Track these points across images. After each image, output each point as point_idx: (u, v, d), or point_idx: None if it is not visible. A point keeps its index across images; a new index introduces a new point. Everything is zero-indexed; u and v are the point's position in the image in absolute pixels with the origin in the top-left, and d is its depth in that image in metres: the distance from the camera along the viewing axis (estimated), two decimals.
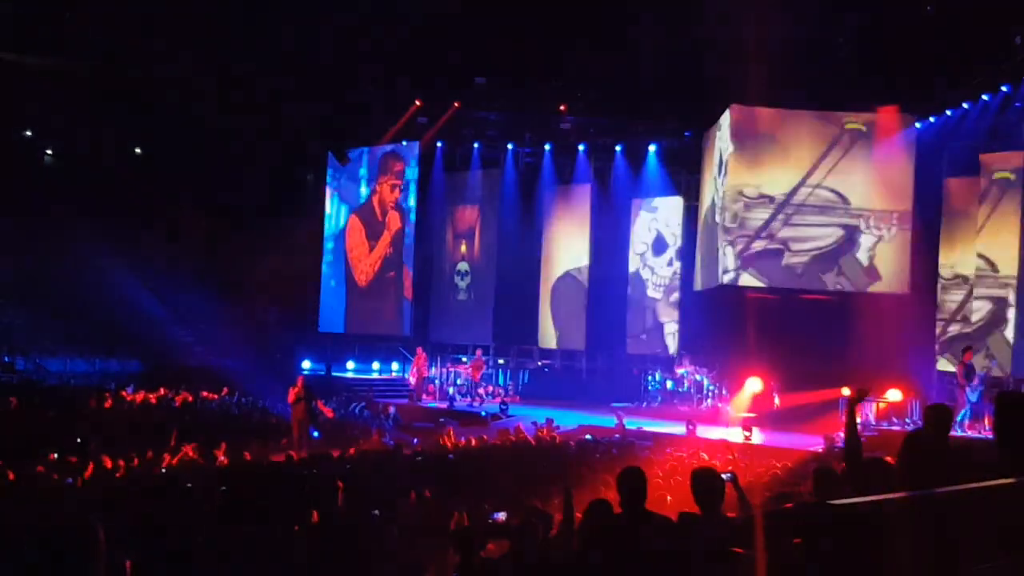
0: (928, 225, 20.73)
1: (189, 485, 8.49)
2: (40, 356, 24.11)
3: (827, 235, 21.38)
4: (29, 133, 28.55)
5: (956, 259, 20.39)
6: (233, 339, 26.44)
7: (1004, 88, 18.93)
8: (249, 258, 24.95)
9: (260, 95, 24.18)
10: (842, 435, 15.56)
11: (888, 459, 5.15)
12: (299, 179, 30.23)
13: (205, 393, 19.91)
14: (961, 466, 4.82)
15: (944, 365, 20.19)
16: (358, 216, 28.40)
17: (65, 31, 22.03)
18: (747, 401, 19.49)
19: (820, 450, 15.08)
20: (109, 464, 9.70)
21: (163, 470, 10.45)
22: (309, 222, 28.80)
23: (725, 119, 21.88)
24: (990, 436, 10.99)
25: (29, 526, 6.37)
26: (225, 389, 20.24)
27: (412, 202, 27.35)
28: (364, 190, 28.37)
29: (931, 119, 20.89)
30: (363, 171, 28.47)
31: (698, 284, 23.55)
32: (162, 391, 19.79)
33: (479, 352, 24.16)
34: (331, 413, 17.25)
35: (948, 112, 20.46)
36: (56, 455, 10.35)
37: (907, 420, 17.27)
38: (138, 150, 29.07)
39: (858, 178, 21.26)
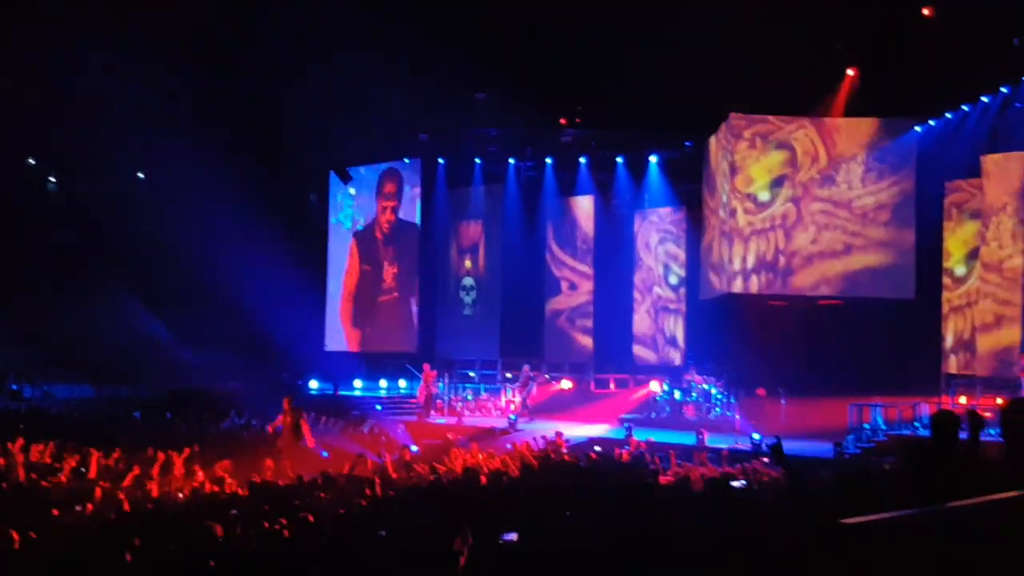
0: (931, 228, 20.71)
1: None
2: (47, 383, 24.13)
3: (830, 240, 21.40)
4: (32, 161, 28.66)
5: (959, 262, 20.39)
6: (240, 361, 26.47)
7: (1004, 89, 18.93)
8: (253, 279, 24.97)
9: (263, 114, 24.23)
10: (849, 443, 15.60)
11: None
12: (302, 199, 30.32)
13: (211, 416, 19.87)
14: (971, 475, 4.79)
15: (950, 367, 20.21)
16: (362, 234, 28.49)
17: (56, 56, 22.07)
18: None
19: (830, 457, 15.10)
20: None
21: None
22: (313, 241, 28.89)
23: (725, 128, 21.95)
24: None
25: None
26: (233, 411, 20.19)
27: (416, 219, 27.44)
28: (367, 208, 28.46)
29: (931, 122, 20.89)
30: (365, 189, 28.56)
31: (703, 293, 23.58)
32: (168, 416, 19.79)
33: (526, 367, 23.62)
34: (312, 443, 15.64)
35: (948, 115, 20.45)
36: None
37: (916, 424, 17.20)
38: (140, 175, 29.17)
39: (859, 183, 21.28)
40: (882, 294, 20.90)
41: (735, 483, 10.29)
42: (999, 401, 16.77)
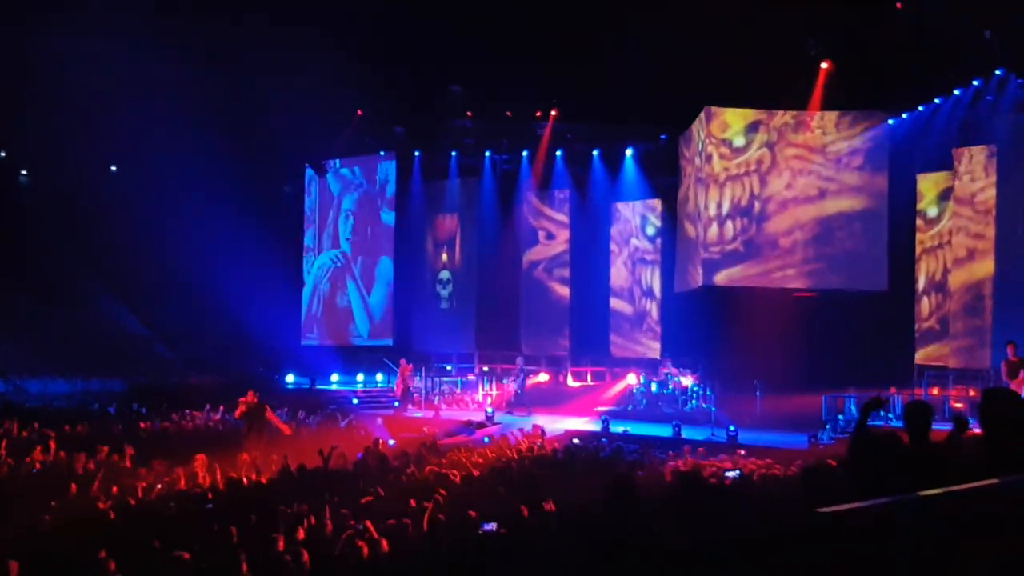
0: (903, 221, 20.90)
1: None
2: (20, 378, 23.86)
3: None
4: (3, 154, 28.32)
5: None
6: (216, 355, 26.29)
7: (975, 82, 19.08)
8: (229, 274, 24.79)
9: (237, 107, 24.02)
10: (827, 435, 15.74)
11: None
12: (276, 191, 30.13)
13: (188, 411, 19.71)
14: (937, 469, 4.83)
15: (921, 359, 20.44)
16: (339, 227, 28.37)
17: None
18: None
19: (805, 448, 15.20)
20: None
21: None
22: (288, 235, 28.73)
23: (700, 121, 22.03)
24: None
25: None
26: (207, 405, 20.02)
27: (391, 212, 27.36)
28: (343, 202, 28.34)
29: (903, 116, 21.03)
30: (340, 183, 28.43)
31: (678, 286, 23.67)
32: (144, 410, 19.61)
33: (519, 360, 23.49)
34: (288, 430, 15.41)
35: (920, 108, 20.58)
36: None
37: (889, 416, 17.33)
38: (113, 168, 28.86)
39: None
40: (856, 287, 21.05)
41: (730, 473, 10.39)
42: (972, 393, 16.98)
